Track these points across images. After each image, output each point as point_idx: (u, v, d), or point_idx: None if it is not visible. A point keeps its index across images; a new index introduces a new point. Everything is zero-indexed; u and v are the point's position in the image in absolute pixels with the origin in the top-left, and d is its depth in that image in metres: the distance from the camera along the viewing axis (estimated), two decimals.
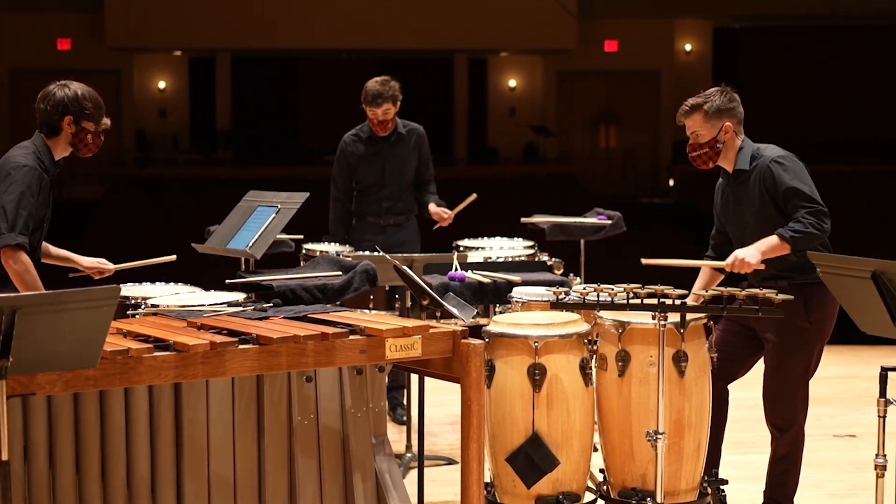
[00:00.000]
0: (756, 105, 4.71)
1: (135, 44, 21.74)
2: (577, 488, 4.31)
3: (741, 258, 4.42)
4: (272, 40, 21.73)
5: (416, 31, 21.66)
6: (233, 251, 4.99)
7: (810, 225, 4.37)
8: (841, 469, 5.74)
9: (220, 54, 23.35)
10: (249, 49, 22.70)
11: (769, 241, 4.43)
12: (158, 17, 20.92)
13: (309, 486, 3.86)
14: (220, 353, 3.52)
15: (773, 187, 4.50)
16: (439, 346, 3.87)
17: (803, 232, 4.37)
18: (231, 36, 21.53)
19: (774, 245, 4.42)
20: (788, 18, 23.93)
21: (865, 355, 7.87)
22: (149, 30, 21.10)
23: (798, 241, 4.38)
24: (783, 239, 4.39)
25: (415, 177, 6.52)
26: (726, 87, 4.70)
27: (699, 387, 4.33)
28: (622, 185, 23.69)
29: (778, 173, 4.49)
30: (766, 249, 4.42)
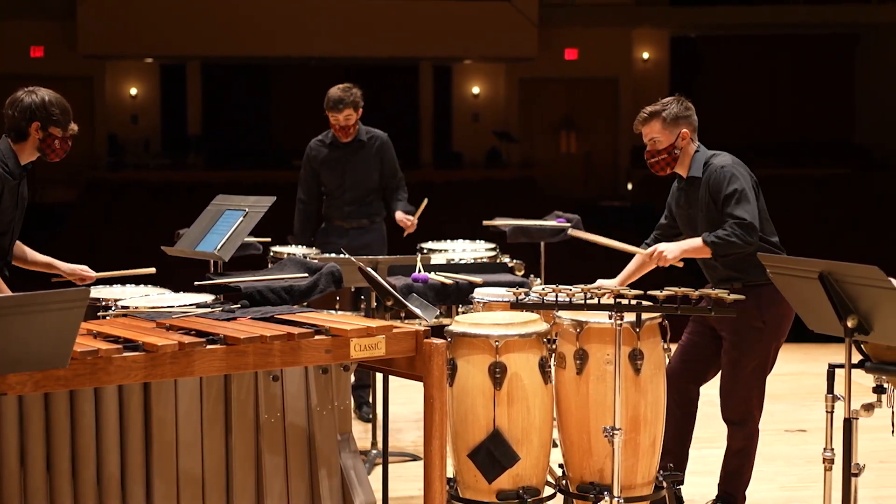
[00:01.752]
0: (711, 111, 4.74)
1: (107, 51, 21.61)
2: (537, 483, 4.32)
3: (661, 251, 4.56)
4: (242, 48, 21.65)
5: (382, 40, 21.64)
6: (202, 254, 4.98)
7: (734, 235, 4.43)
8: (792, 463, 5.79)
9: (190, 62, 23.24)
10: (219, 56, 22.60)
11: (692, 242, 4.55)
12: (130, 25, 20.80)
13: (276, 483, 3.85)
14: (188, 354, 3.51)
15: (717, 193, 4.56)
16: (403, 345, 3.87)
17: (725, 240, 4.44)
18: (201, 44, 21.44)
19: (696, 247, 4.53)
20: (743, 28, 24.10)
21: (815, 353, 7.93)
22: (120, 38, 20.97)
23: (718, 247, 4.46)
24: (705, 242, 4.50)
25: (380, 183, 6.52)
26: (681, 97, 4.74)
27: (654, 384, 4.35)
28: (582, 188, 23.74)
29: (721, 181, 4.55)
30: (687, 248, 4.55)
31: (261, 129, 24.57)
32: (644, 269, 4.87)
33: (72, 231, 17.13)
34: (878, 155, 24.19)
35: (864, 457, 3.96)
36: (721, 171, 4.56)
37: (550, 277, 5.88)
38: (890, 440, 4.48)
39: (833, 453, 3.86)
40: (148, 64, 23.50)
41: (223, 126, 23.98)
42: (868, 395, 3.99)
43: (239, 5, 21.34)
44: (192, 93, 23.61)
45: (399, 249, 6.21)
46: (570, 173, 24.38)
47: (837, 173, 22.30)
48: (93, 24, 20.81)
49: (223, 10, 21.23)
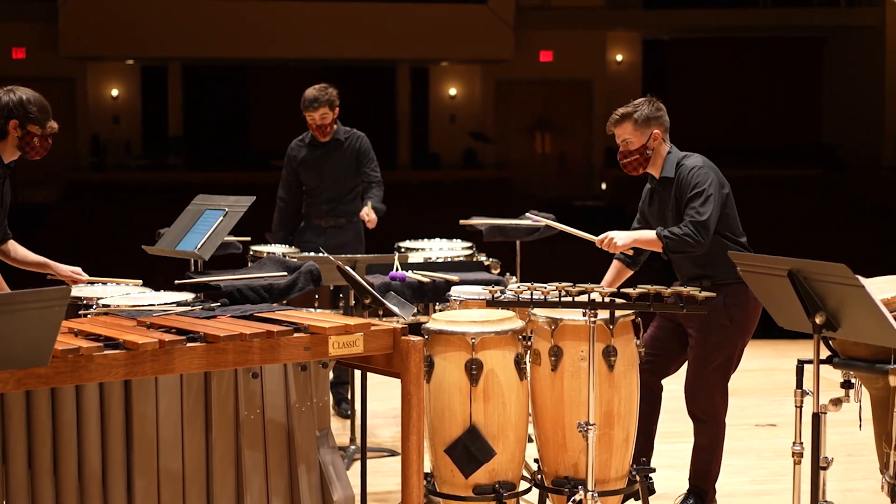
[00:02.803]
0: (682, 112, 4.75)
1: (88, 53, 21.53)
2: (513, 477, 4.32)
3: (611, 238, 4.58)
4: (222, 50, 21.61)
5: (360, 42, 21.63)
6: (182, 253, 4.96)
7: (687, 234, 4.46)
8: (762, 456, 5.81)
9: (171, 63, 23.16)
10: (200, 58, 22.55)
11: (644, 233, 4.60)
12: (111, 27, 20.72)
13: (255, 479, 3.84)
14: (168, 351, 3.49)
15: (681, 191, 4.58)
16: (380, 342, 3.86)
17: (678, 236, 4.47)
18: (182, 45, 21.38)
19: (649, 239, 4.58)
20: (713, 30, 24.20)
21: (785, 349, 7.97)
22: (101, 39, 20.89)
23: (670, 242, 4.49)
24: (658, 237, 4.53)
25: (359, 181, 6.53)
26: (652, 98, 4.75)
27: (627, 380, 4.36)
28: (557, 188, 23.78)
29: (689, 182, 4.57)
30: (638, 238, 4.59)
31: (240, 130, 24.52)
32: (622, 276, 4.89)
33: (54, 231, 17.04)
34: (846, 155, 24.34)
35: (832, 450, 3.98)
36: (690, 172, 4.58)
37: (526, 276, 5.89)
38: (857, 434, 4.51)
39: (802, 447, 3.87)
40: (129, 65, 23.41)
41: (203, 127, 23.92)
42: (836, 390, 4.01)
43: (219, 8, 21.29)
44: (173, 94, 23.54)
45: (376, 248, 6.21)
46: (545, 173, 24.43)
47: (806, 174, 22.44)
48: (74, 26, 20.72)
49: (203, 13, 21.17)
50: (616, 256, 4.91)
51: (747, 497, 5.17)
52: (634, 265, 4.89)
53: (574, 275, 4.81)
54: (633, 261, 4.87)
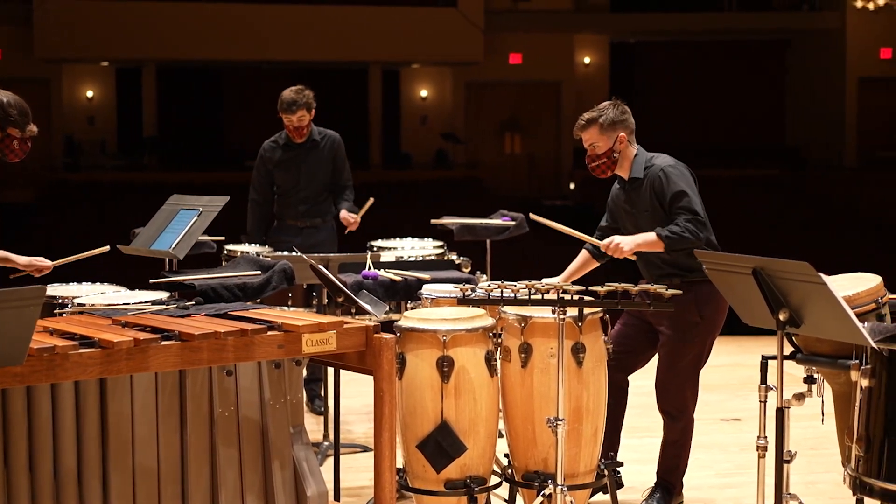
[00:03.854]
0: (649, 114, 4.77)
1: (63, 55, 21.38)
2: (484, 472, 4.32)
3: (617, 243, 4.55)
4: (196, 52, 21.52)
5: (333, 44, 21.60)
6: (157, 252, 4.93)
7: (686, 230, 4.46)
8: (727, 451, 5.83)
9: (145, 65, 23.05)
10: (174, 60, 22.45)
11: (646, 236, 4.55)
12: (86, 29, 20.60)
13: (230, 475, 3.82)
14: (143, 350, 3.47)
15: (662, 194, 4.58)
16: (353, 340, 3.85)
17: (678, 234, 4.47)
18: (156, 47, 21.28)
19: (651, 241, 4.54)
20: (679, 34, 24.31)
21: (749, 345, 8.01)
22: (76, 41, 20.77)
23: (672, 242, 4.48)
24: (659, 237, 4.51)
25: (332, 182, 6.52)
26: (617, 101, 4.76)
27: (596, 376, 4.37)
28: (526, 188, 23.83)
29: (666, 181, 4.58)
30: (641, 242, 4.55)
31: (214, 130, 24.43)
32: (587, 266, 4.89)
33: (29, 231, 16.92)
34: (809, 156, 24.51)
35: (795, 444, 4.00)
36: (665, 172, 4.59)
37: (496, 274, 5.89)
38: (820, 428, 4.53)
39: (766, 441, 3.89)
40: (104, 67, 23.28)
41: (178, 128, 23.82)
42: (799, 385, 4.02)
43: (193, 11, 21.21)
44: (148, 95, 23.42)
45: (349, 247, 6.20)
46: (515, 173, 24.46)
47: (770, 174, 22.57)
48: (49, 29, 20.58)
49: (178, 16, 21.09)
50: (585, 246, 4.91)
51: (713, 490, 5.19)
52: (601, 257, 4.89)
53: (544, 273, 4.81)
54: (600, 253, 4.87)
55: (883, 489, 3.55)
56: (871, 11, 22.99)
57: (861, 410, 3.67)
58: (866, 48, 23.59)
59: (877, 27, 23.30)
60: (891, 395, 3.56)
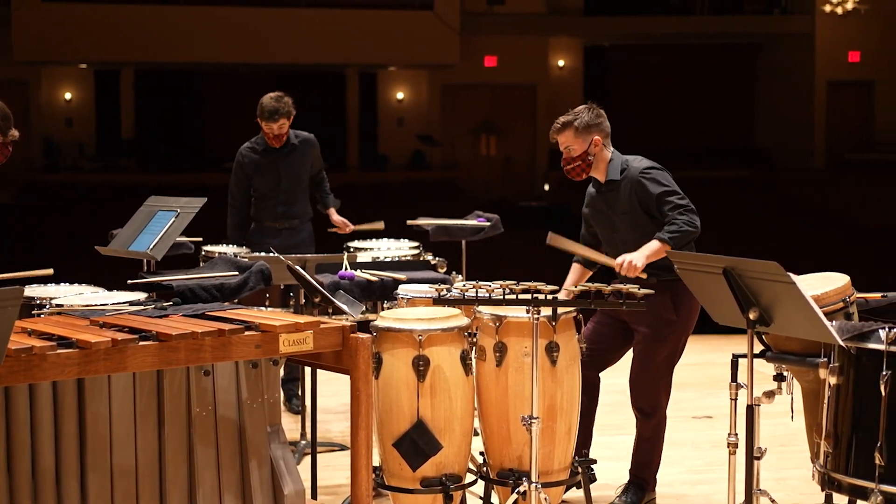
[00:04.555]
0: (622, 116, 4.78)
1: (42, 57, 21.24)
2: (459, 470, 4.32)
3: (630, 261, 4.47)
4: (174, 54, 21.43)
5: (310, 47, 21.55)
6: (135, 253, 4.91)
7: (684, 224, 4.48)
8: (699, 448, 5.85)
9: (124, 68, 22.94)
10: (152, 63, 22.35)
11: (652, 246, 4.50)
12: (64, 32, 20.48)
13: (207, 474, 3.81)
14: (121, 350, 3.45)
15: (645, 196, 4.59)
16: (330, 340, 3.85)
17: (679, 231, 4.48)
18: (135, 50, 21.16)
19: (657, 249, 4.50)
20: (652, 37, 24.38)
21: (719, 344, 8.03)
22: (55, 44, 20.63)
23: (676, 240, 4.48)
24: (662, 241, 4.48)
25: (309, 181, 6.54)
26: (593, 104, 4.77)
27: (570, 374, 4.38)
28: (501, 189, 23.84)
29: (648, 183, 4.59)
30: (649, 254, 4.50)
31: (192, 133, 24.33)
32: (583, 278, 4.90)
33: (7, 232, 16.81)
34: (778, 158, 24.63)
35: (765, 441, 4.02)
36: (645, 175, 4.61)
37: (471, 274, 5.89)
38: (790, 425, 4.56)
39: (737, 438, 3.91)
40: (82, 70, 23.14)
41: (156, 130, 23.71)
42: (769, 382, 4.05)
43: (171, 14, 21.11)
44: (126, 98, 23.31)
45: (326, 248, 6.19)
46: (490, 175, 24.46)
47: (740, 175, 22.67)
48: (28, 31, 20.44)
49: (156, 19, 20.99)
50: (574, 259, 4.92)
51: (684, 486, 5.21)
52: (592, 266, 4.91)
53: (518, 273, 4.81)
54: (589, 262, 4.89)
55: (851, 484, 3.57)
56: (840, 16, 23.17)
57: (829, 407, 3.69)
58: (835, 52, 23.73)
59: (845, 31, 23.45)
60: (858, 392, 3.58)
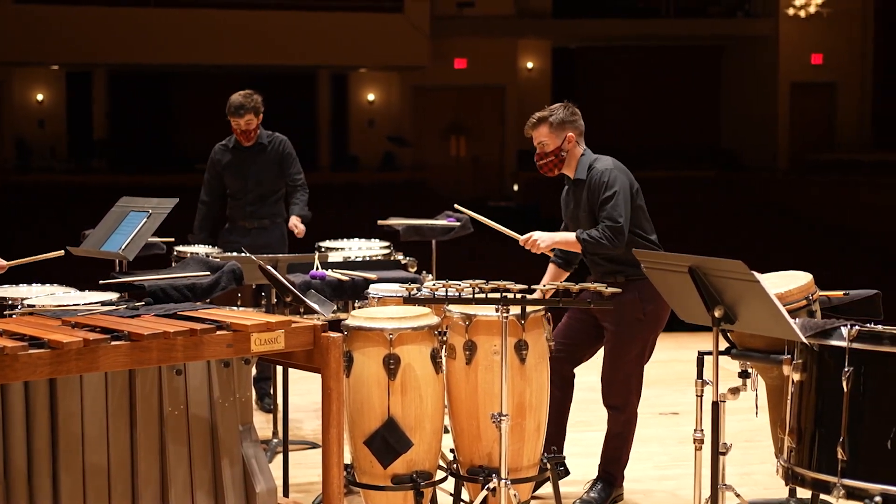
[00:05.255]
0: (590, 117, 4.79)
1: (14, 59, 21.07)
2: (430, 467, 4.32)
3: (534, 239, 4.63)
4: (146, 56, 21.31)
5: (281, 49, 21.48)
6: (107, 253, 4.88)
7: (604, 237, 4.53)
8: (665, 444, 5.88)
9: (96, 69, 22.80)
10: (124, 64, 22.21)
11: (566, 236, 4.66)
12: (37, 33, 20.31)
13: (179, 472, 3.79)
14: (93, 350, 3.43)
15: (595, 197, 4.63)
16: (301, 339, 3.84)
17: (595, 239, 4.54)
18: (107, 52, 21.03)
19: (569, 241, 4.64)
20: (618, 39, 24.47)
21: (686, 341, 8.06)
22: (27, 46, 20.46)
23: (588, 245, 4.58)
24: (577, 239, 4.59)
25: (283, 184, 6.50)
26: (568, 103, 4.80)
27: (538, 372, 4.39)
28: (471, 189, 23.83)
29: (600, 186, 4.62)
30: (559, 241, 4.65)
31: (164, 134, 24.22)
32: (559, 278, 4.92)
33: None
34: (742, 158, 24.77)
35: (730, 436, 4.04)
36: (601, 175, 4.63)
37: (441, 273, 5.89)
38: (754, 421, 4.58)
39: (703, 434, 3.93)
40: (54, 71, 22.98)
41: (128, 131, 23.59)
42: (734, 379, 4.07)
43: (144, 16, 20.98)
44: (98, 99, 23.18)
45: (298, 248, 6.17)
46: (460, 175, 24.47)
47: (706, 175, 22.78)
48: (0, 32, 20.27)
49: (129, 20, 20.86)
50: (551, 259, 4.96)
51: (652, 482, 5.23)
52: (568, 266, 4.95)
53: (487, 273, 4.81)
54: (566, 262, 4.93)
55: (814, 479, 3.59)
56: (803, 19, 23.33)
57: (793, 403, 3.71)
58: (798, 54, 23.89)
59: (808, 34, 23.62)
60: (821, 388, 3.60)
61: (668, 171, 21.54)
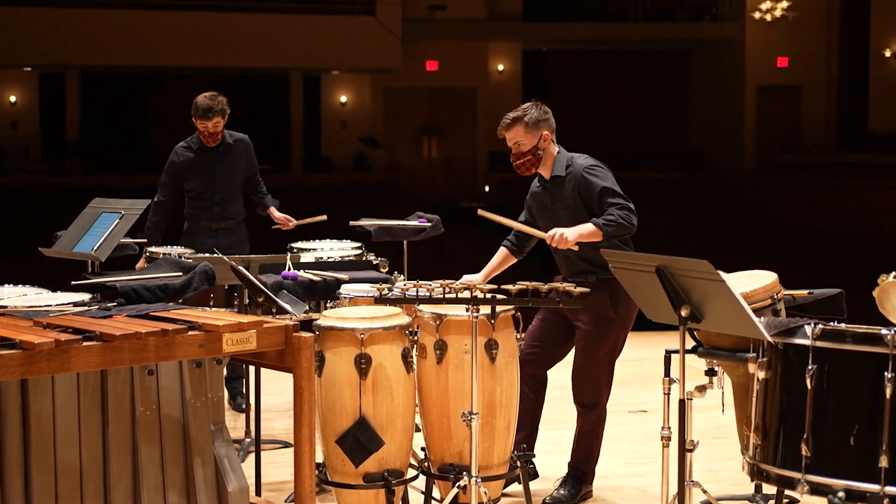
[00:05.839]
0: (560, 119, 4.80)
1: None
2: (401, 465, 4.32)
3: (561, 233, 4.51)
4: (119, 57, 21.18)
5: (255, 51, 21.42)
6: (79, 254, 4.85)
7: (621, 217, 4.49)
8: (634, 441, 5.89)
9: (69, 70, 22.65)
10: (97, 66, 22.08)
11: (586, 227, 4.53)
12: (9, 35, 20.15)
13: (152, 472, 3.77)
14: (64, 350, 3.40)
15: (587, 192, 4.61)
16: (273, 339, 3.82)
17: (615, 223, 4.49)
18: (80, 53, 20.90)
19: (591, 231, 4.52)
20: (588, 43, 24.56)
21: (654, 340, 8.08)
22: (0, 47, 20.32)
23: (610, 230, 4.49)
24: (597, 226, 4.50)
25: (245, 182, 6.49)
26: (538, 101, 4.78)
27: (508, 371, 4.39)
28: (443, 190, 23.86)
29: (591, 180, 4.61)
30: (583, 233, 4.52)
31: (137, 135, 24.10)
32: (506, 263, 4.92)
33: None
34: (709, 159, 24.90)
35: (697, 434, 4.06)
36: (592, 169, 4.64)
37: (412, 274, 5.89)
38: (721, 418, 4.60)
39: (670, 431, 3.94)
40: (27, 73, 22.82)
41: (101, 133, 23.45)
42: (701, 377, 4.08)
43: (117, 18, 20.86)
44: (71, 100, 23.03)
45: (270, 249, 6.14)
46: (432, 176, 24.49)
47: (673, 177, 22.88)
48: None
49: (102, 22, 20.74)
50: (503, 244, 4.94)
51: (620, 478, 5.24)
52: (520, 253, 4.92)
53: (458, 273, 4.82)
54: (518, 249, 4.91)
55: (778, 475, 3.61)
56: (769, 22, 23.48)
57: (758, 401, 3.73)
58: (764, 57, 24.04)
59: (774, 37, 23.77)
60: (785, 386, 3.63)
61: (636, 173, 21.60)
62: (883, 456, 3.34)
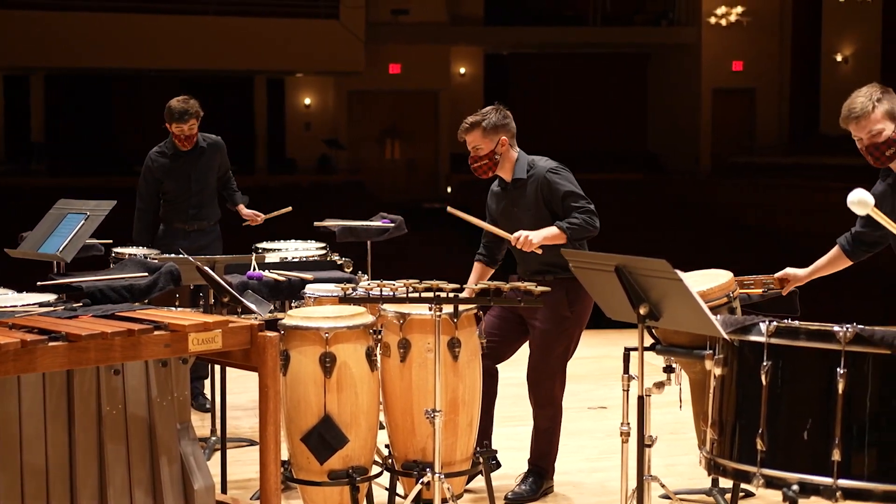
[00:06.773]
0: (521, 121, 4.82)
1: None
2: (366, 462, 4.31)
3: (526, 236, 4.56)
4: (85, 60, 21.00)
5: (220, 54, 21.30)
6: (45, 255, 4.81)
7: (583, 221, 4.56)
8: (594, 437, 5.92)
9: (34, 72, 22.42)
10: (62, 68, 21.88)
11: (550, 230, 4.59)
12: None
13: (118, 471, 3.74)
14: (30, 351, 3.37)
15: (550, 194, 4.64)
16: (238, 338, 3.80)
17: (578, 225, 4.55)
18: (45, 55, 20.69)
19: (555, 234, 4.58)
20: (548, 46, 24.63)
21: (613, 338, 8.14)
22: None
23: (573, 232, 4.55)
24: (561, 229, 4.56)
25: (216, 180, 6.49)
26: (499, 106, 4.79)
27: (471, 369, 4.40)
28: (406, 191, 23.84)
29: (553, 181, 4.64)
30: (547, 235, 4.58)
31: (102, 137, 23.91)
32: (485, 276, 4.93)
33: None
34: (667, 162, 25.05)
35: (656, 429, 4.08)
36: (554, 171, 4.66)
37: (376, 273, 5.88)
38: (678, 414, 4.63)
39: (629, 427, 3.96)
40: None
41: (66, 134, 23.25)
42: (659, 374, 4.11)
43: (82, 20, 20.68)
44: (36, 102, 22.80)
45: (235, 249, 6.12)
46: (395, 178, 24.47)
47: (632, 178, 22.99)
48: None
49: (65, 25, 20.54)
50: (476, 258, 4.95)
51: (581, 474, 5.26)
52: (493, 263, 4.95)
53: (421, 272, 4.82)
54: (491, 259, 4.94)
55: (735, 469, 3.64)
56: (724, 27, 23.66)
57: (714, 397, 3.75)
58: (720, 61, 24.21)
59: (729, 42, 23.95)
60: (741, 382, 3.65)
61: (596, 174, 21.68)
62: (835, 450, 3.37)
